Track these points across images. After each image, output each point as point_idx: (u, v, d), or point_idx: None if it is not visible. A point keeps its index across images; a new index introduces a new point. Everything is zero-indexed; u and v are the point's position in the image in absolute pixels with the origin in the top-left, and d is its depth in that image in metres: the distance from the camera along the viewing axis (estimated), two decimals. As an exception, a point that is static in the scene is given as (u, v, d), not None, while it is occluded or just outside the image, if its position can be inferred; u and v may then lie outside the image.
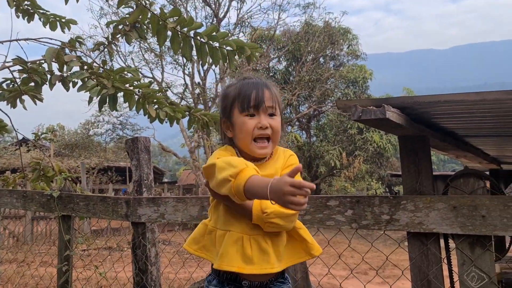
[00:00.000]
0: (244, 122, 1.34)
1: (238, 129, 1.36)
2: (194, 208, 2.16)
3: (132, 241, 2.39)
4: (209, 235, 1.38)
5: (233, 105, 1.37)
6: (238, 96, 1.36)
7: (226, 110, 1.40)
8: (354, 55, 19.94)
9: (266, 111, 1.35)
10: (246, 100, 1.34)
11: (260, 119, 1.34)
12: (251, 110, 1.34)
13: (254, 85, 1.37)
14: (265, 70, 19.75)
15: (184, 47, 2.69)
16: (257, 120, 1.34)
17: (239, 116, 1.35)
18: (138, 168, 2.44)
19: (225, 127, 1.42)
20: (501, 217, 1.54)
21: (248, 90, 1.36)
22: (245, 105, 1.34)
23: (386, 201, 1.74)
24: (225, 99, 1.42)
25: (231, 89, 1.42)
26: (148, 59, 17.51)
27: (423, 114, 1.70)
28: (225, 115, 1.41)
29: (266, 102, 1.34)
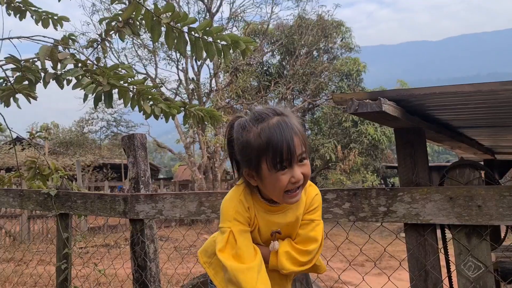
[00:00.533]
0: (278, 179, 1.24)
1: (270, 185, 1.26)
2: (192, 204, 2.17)
3: (131, 238, 2.40)
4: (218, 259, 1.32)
5: (261, 159, 1.24)
6: (267, 150, 1.22)
7: (250, 162, 1.27)
8: (348, 48, 19.96)
9: (297, 161, 1.24)
10: (277, 156, 1.22)
11: (293, 173, 1.24)
12: (283, 164, 1.23)
13: (282, 135, 1.23)
14: (259, 64, 19.73)
15: (178, 43, 2.68)
16: (290, 174, 1.24)
17: (270, 171, 1.24)
18: (135, 165, 2.45)
19: (247, 175, 1.31)
20: (496, 206, 1.56)
21: (278, 143, 1.22)
22: (277, 161, 1.22)
23: (383, 193, 1.76)
24: (246, 148, 1.27)
25: (251, 136, 1.26)
26: (141, 55, 17.45)
27: (418, 106, 1.72)
28: (249, 166, 1.28)
29: (297, 151, 1.23)
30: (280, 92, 18.45)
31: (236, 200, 1.34)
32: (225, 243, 1.29)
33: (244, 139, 1.28)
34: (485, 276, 1.61)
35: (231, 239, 1.29)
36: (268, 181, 1.26)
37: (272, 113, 1.28)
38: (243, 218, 1.33)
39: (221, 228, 1.32)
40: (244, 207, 1.34)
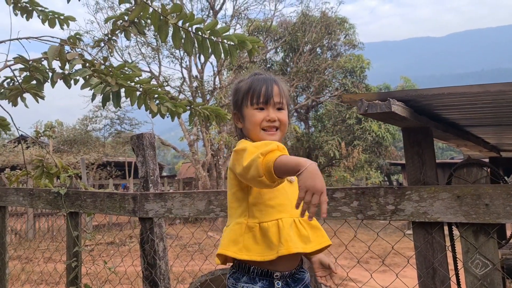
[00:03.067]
0: (253, 115, 1.44)
1: (248, 120, 1.46)
2: (201, 203, 2.19)
3: (140, 236, 2.43)
4: (249, 233, 1.37)
5: (244, 99, 1.47)
6: (249, 91, 1.46)
7: (237, 103, 1.51)
8: (351, 44, 19.91)
9: (274, 105, 1.45)
10: (256, 94, 1.44)
11: (268, 113, 1.44)
12: (261, 104, 1.44)
13: (264, 81, 1.47)
14: (263, 61, 19.73)
15: (185, 43, 2.70)
16: (266, 113, 1.44)
17: (249, 109, 1.46)
18: (144, 164, 2.47)
19: (235, 118, 1.53)
20: (504, 205, 1.58)
21: (258, 85, 1.46)
22: (254, 99, 1.44)
23: (391, 191, 1.78)
24: (236, 93, 1.52)
25: (242, 84, 1.52)
26: (145, 53, 17.46)
27: (426, 106, 1.73)
28: (236, 108, 1.52)
29: (275, 97, 1.44)
30: (284, 89, 18.43)
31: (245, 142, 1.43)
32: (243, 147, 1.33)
33: (237, 86, 1.54)
34: (492, 273, 1.63)
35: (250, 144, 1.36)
36: (248, 118, 1.46)
37: (266, 73, 1.52)
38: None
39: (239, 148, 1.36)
40: None
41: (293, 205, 1.29)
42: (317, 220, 1.53)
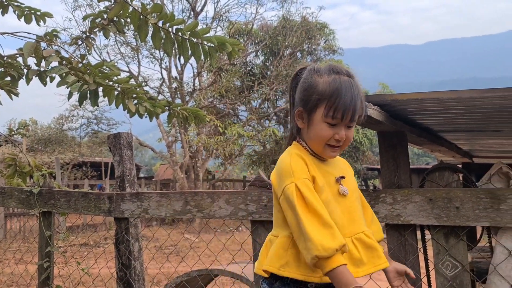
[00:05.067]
0: (323, 129, 1.29)
1: (314, 131, 1.31)
2: (178, 203, 2.19)
3: (115, 236, 2.40)
4: (294, 249, 1.27)
5: (319, 104, 1.29)
6: (329, 98, 1.28)
7: (308, 102, 1.32)
8: (331, 50, 20.14)
9: (346, 123, 1.30)
10: (334, 108, 1.27)
11: (338, 131, 1.29)
12: (334, 120, 1.28)
13: (349, 92, 1.28)
14: (243, 64, 19.75)
15: (165, 43, 2.69)
16: (336, 132, 1.29)
17: (321, 119, 1.29)
18: (121, 164, 2.45)
19: (298, 115, 1.36)
20: (473, 208, 1.63)
21: (342, 96, 1.27)
22: (331, 112, 1.27)
23: (366, 194, 1.81)
24: (311, 90, 1.32)
25: (320, 82, 1.31)
26: (124, 53, 17.27)
27: (401, 111, 1.77)
28: (304, 106, 1.33)
29: (352, 116, 1.29)
30: (264, 92, 18.51)
31: (293, 153, 1.33)
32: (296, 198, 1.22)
33: (312, 79, 1.33)
34: (461, 275, 1.67)
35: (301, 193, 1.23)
36: (315, 127, 1.31)
37: (346, 72, 1.33)
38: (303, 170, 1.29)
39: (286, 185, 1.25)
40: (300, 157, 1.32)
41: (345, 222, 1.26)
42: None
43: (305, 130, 1.35)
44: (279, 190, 1.27)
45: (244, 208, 2.05)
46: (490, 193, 1.61)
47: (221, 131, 16.14)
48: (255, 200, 2.03)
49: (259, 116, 19.18)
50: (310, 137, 1.33)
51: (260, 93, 19.01)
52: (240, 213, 2.06)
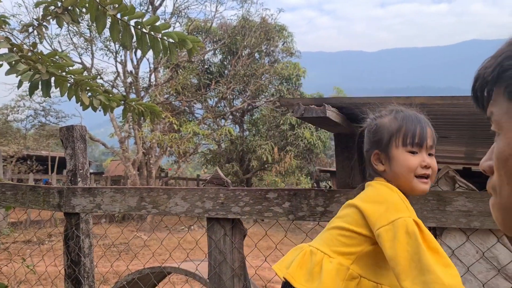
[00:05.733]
0: (407, 159, 1.27)
1: (399, 164, 1.28)
2: (133, 199, 2.15)
3: (65, 232, 2.32)
4: (350, 282, 1.24)
5: (393, 138, 1.29)
6: (400, 130, 1.29)
7: (381, 142, 1.31)
8: (289, 52, 20.39)
9: (427, 149, 1.29)
10: (410, 135, 1.27)
11: (423, 157, 1.27)
12: (415, 146, 1.27)
13: (417, 121, 1.30)
14: (200, 62, 19.61)
15: (124, 36, 2.62)
16: (421, 158, 1.27)
17: (401, 150, 1.28)
18: (73, 157, 2.37)
19: (375, 159, 1.34)
20: (422, 209, 1.71)
21: (412, 125, 1.29)
22: (408, 139, 1.27)
23: (321, 194, 1.85)
24: (379, 130, 1.33)
25: (386, 120, 1.34)
26: (77, 44, 16.66)
27: (357, 114, 1.83)
28: (379, 147, 1.32)
29: (429, 141, 1.29)
30: (221, 91, 18.46)
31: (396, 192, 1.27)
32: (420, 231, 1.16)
33: (377, 122, 1.35)
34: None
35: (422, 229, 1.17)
36: (396, 161, 1.28)
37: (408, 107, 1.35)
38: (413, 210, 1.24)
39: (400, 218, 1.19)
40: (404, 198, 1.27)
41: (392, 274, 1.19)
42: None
43: (387, 171, 1.31)
44: (382, 220, 1.20)
45: (200, 205, 2.05)
46: (437, 196, 1.70)
47: (176, 129, 15.95)
48: (212, 198, 2.03)
49: (215, 114, 19.11)
50: (396, 173, 1.29)
51: (217, 92, 18.94)
52: (196, 210, 2.05)
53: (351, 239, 1.27)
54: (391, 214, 1.20)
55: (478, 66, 0.66)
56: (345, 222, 1.30)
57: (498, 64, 0.60)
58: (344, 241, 1.27)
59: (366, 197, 1.30)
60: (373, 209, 1.24)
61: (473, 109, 1.72)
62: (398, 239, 1.16)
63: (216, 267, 2.04)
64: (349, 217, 1.29)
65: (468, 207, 1.67)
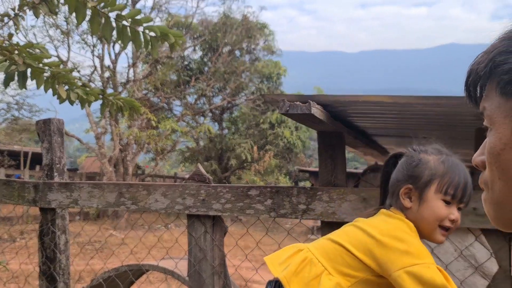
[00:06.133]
0: (440, 207, 1.24)
1: (429, 209, 1.25)
2: (111, 195, 2.10)
3: (40, 228, 2.25)
4: None
5: (433, 181, 1.25)
6: (444, 176, 1.25)
7: (418, 180, 1.26)
8: (270, 50, 20.39)
9: (458, 204, 1.26)
10: (451, 185, 1.24)
11: (453, 211, 1.25)
12: (450, 198, 1.24)
13: (463, 174, 1.26)
14: (180, 58, 19.44)
15: (104, 29, 2.57)
16: (451, 211, 1.25)
17: (436, 197, 1.25)
18: (50, 151, 2.30)
19: (404, 193, 1.28)
20: (403, 208, 1.72)
21: (457, 177, 1.25)
22: (447, 189, 1.24)
23: (304, 191, 1.85)
24: (421, 166, 1.27)
25: (431, 159, 1.28)
26: (53, 36, 16.28)
27: (341, 112, 1.83)
28: (415, 184, 1.27)
29: (465, 197, 1.26)
30: (200, 88, 18.34)
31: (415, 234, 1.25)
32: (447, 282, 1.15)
33: (422, 157, 1.29)
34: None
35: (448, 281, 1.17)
36: (428, 205, 1.25)
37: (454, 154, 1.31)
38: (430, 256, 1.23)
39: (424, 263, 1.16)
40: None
41: None
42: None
43: (413, 210, 1.27)
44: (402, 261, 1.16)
45: (181, 201, 2.02)
46: (418, 194, 1.71)
47: (154, 125, 15.76)
48: (193, 194, 2.00)
49: (194, 112, 18.98)
50: (422, 216, 1.26)
51: (196, 89, 18.81)
52: (177, 207, 2.02)
53: (356, 263, 1.23)
54: (412, 257, 1.16)
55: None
56: (353, 246, 1.24)
57: (491, 59, 0.60)
58: (348, 262, 1.24)
59: (384, 229, 1.24)
60: (390, 247, 1.18)
61: (454, 110, 1.75)
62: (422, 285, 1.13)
63: (196, 265, 2.01)
64: (358, 242, 1.24)
65: (448, 206, 1.69)
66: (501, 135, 0.59)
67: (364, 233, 1.24)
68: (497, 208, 0.62)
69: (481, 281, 1.72)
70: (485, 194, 0.65)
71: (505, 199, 0.61)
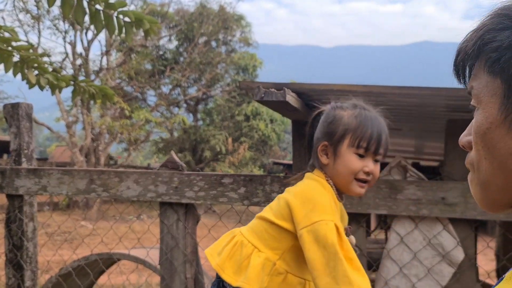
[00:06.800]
0: (352, 160, 1.25)
1: (342, 163, 1.26)
2: (82, 181, 2.05)
3: (7, 215, 2.19)
4: (275, 277, 1.25)
5: (345, 136, 1.26)
6: (356, 130, 1.25)
7: (333, 136, 1.28)
8: (246, 42, 20.34)
9: (374, 156, 1.27)
10: (364, 138, 1.25)
11: (367, 163, 1.26)
12: (363, 151, 1.25)
13: (376, 125, 1.27)
14: (155, 47, 19.17)
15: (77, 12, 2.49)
16: (365, 164, 1.26)
17: (349, 151, 1.26)
18: (18, 136, 2.23)
19: (321, 150, 1.30)
20: (374, 197, 1.75)
21: (370, 128, 1.26)
22: (360, 143, 1.25)
23: (277, 180, 1.86)
24: (335, 123, 1.28)
25: (345, 114, 1.29)
26: (23, 20, 15.76)
27: (316, 102, 1.84)
28: (330, 140, 1.28)
29: (381, 149, 1.27)
30: (175, 78, 18.14)
31: (328, 192, 1.27)
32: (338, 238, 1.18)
33: (336, 113, 1.29)
34: (360, 258, 1.79)
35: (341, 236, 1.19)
36: (342, 159, 1.26)
37: (373, 108, 1.32)
38: (336, 212, 1.25)
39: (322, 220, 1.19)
40: (334, 200, 1.28)
41: None
42: None
43: (330, 165, 1.29)
44: (306, 220, 1.21)
45: (153, 189, 1.99)
46: (389, 184, 1.74)
47: (128, 115, 15.52)
48: (166, 182, 1.98)
49: (168, 102, 18.78)
50: (337, 171, 1.28)
51: (171, 79, 18.60)
52: (149, 194, 2.00)
53: (279, 234, 1.27)
54: (315, 215, 1.20)
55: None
56: (274, 216, 1.28)
57: (479, 37, 0.59)
58: (273, 235, 1.27)
59: (298, 192, 1.28)
60: (300, 207, 1.23)
61: (426, 101, 1.78)
62: (317, 242, 1.18)
63: (168, 253, 1.99)
64: (278, 211, 1.28)
65: (418, 196, 1.73)
66: (488, 114, 0.58)
67: (283, 201, 1.27)
68: (483, 189, 0.61)
69: (447, 268, 1.77)
70: (471, 174, 0.64)
71: (491, 179, 0.60)
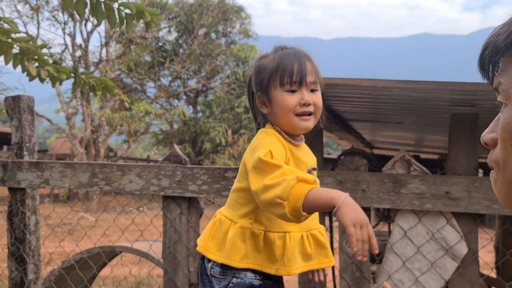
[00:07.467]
0: (285, 98, 1.23)
1: (277, 105, 1.24)
2: (84, 175, 2.05)
3: (9, 208, 2.19)
4: (253, 240, 1.25)
5: (271, 79, 1.24)
6: (277, 69, 1.23)
7: (262, 84, 1.26)
8: (246, 34, 20.22)
9: (308, 86, 1.24)
10: (287, 73, 1.22)
11: (302, 95, 1.23)
12: (293, 85, 1.22)
13: (294, 57, 1.25)
14: (154, 39, 19.06)
15: (78, 3, 2.47)
16: (300, 96, 1.23)
17: (279, 91, 1.23)
18: (19, 129, 2.22)
19: (259, 102, 1.29)
20: (378, 191, 1.75)
21: (288, 62, 1.23)
22: (285, 79, 1.22)
23: (281, 174, 1.85)
24: (260, 72, 1.28)
25: (266, 61, 1.28)
26: (22, 12, 15.66)
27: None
28: (260, 90, 1.27)
29: (309, 77, 1.23)
30: (175, 70, 18.07)
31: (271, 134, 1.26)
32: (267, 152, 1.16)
33: (260, 63, 1.29)
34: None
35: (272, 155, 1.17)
36: (276, 102, 1.24)
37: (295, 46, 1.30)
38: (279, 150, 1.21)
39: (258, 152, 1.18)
40: (281, 142, 1.25)
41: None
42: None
43: (270, 113, 1.28)
44: (252, 161, 1.19)
45: (156, 183, 1.99)
46: (393, 178, 1.74)
47: (127, 107, 15.48)
48: (169, 175, 1.98)
49: (168, 94, 18.72)
50: (277, 114, 1.26)
51: (171, 71, 18.53)
52: (152, 188, 1.99)
53: (244, 198, 1.26)
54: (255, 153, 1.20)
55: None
56: (238, 182, 1.30)
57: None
58: (241, 202, 1.27)
59: (248, 147, 1.29)
60: (249, 157, 1.23)
61: (430, 95, 1.77)
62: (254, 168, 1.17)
63: (171, 246, 2.00)
64: (239, 175, 1.30)
65: (422, 190, 1.72)
66: None
67: (241, 162, 1.28)
68: (510, 188, 0.58)
69: (451, 262, 1.77)
70: (496, 173, 0.61)
71: None
